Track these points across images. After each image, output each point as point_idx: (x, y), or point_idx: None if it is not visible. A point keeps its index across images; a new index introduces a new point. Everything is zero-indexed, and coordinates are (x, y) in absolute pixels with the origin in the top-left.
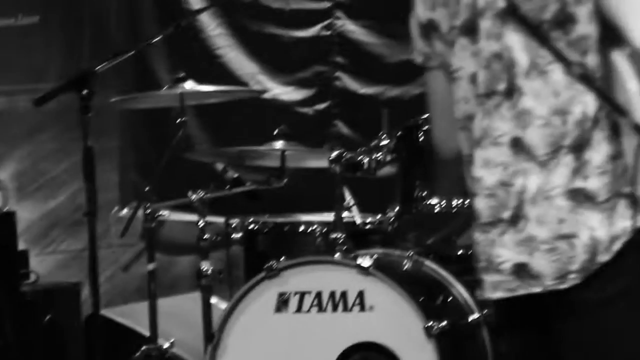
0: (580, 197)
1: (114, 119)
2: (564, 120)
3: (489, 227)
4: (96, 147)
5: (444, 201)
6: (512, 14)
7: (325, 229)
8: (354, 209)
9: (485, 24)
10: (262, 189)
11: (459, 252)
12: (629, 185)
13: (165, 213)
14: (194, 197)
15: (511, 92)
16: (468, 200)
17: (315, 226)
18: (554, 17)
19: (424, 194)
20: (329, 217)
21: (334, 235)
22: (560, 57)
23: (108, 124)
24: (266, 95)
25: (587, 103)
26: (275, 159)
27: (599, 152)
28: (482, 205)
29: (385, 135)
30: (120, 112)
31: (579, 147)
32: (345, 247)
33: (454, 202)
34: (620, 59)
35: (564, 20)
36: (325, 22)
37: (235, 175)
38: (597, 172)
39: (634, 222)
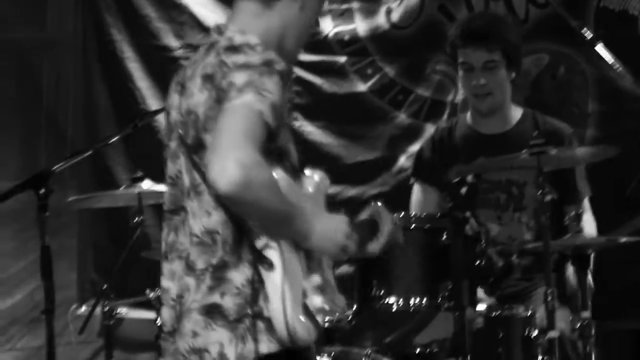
0: (214, 314)
1: (72, 218)
2: (213, 240)
3: (169, 336)
4: (54, 245)
5: (402, 300)
6: (180, 136)
7: None
8: None
9: (172, 145)
10: None
11: (417, 351)
12: (260, 309)
13: (123, 311)
14: (152, 294)
15: (184, 210)
16: (425, 299)
17: None
18: (193, 142)
19: (381, 293)
20: None
21: None
22: (205, 180)
23: (66, 223)
24: None
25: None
26: None
27: (240, 273)
28: (166, 315)
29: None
30: (78, 211)
31: (223, 266)
32: None
33: (412, 301)
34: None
35: (199, 146)
36: None
37: None
38: (234, 292)
39: (257, 347)
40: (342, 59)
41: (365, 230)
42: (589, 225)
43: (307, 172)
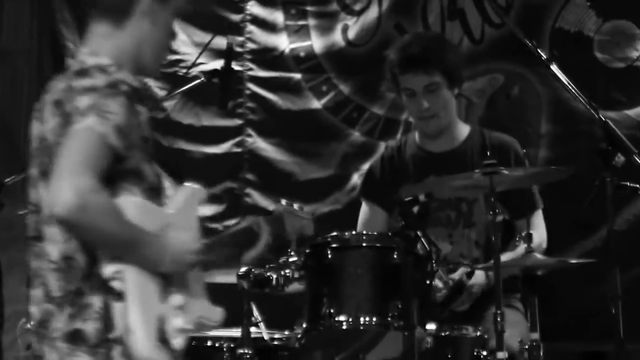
0: (77, 340)
1: (23, 231)
2: (69, 266)
3: None
4: (4, 259)
5: (352, 319)
6: (38, 164)
7: (232, 345)
8: (262, 325)
9: (32, 172)
10: None
11: None
12: (117, 335)
13: None
14: None
15: (40, 238)
16: (375, 318)
17: (222, 341)
18: (46, 168)
19: (331, 311)
20: (237, 332)
21: (241, 351)
22: None
23: (16, 236)
24: None
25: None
26: None
27: (97, 298)
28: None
29: (293, 252)
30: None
31: (80, 292)
32: None
33: (362, 320)
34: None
35: (51, 172)
36: (236, 139)
37: None
38: (94, 317)
39: None
40: (297, 75)
41: (238, 239)
42: (539, 237)
43: (185, 185)
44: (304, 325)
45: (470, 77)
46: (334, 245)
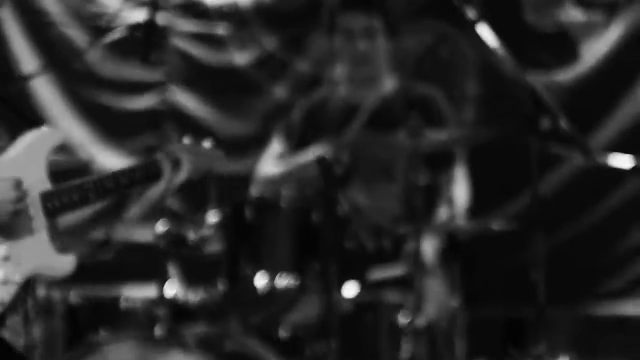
0: None
1: None
2: None
3: None
4: None
5: (269, 280)
6: None
7: (148, 305)
8: (179, 284)
9: None
10: (88, 262)
11: (284, 333)
12: None
13: None
14: None
15: None
16: (295, 280)
17: (138, 301)
18: None
19: (250, 273)
20: (153, 292)
21: (157, 311)
22: None
23: None
24: (96, 165)
25: None
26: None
27: None
28: None
29: (213, 212)
30: None
31: None
32: (168, 323)
33: (279, 281)
34: None
35: None
36: (158, 93)
37: None
38: None
39: None
40: (221, 30)
41: (135, 176)
42: (462, 193)
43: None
44: (222, 287)
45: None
46: (252, 205)
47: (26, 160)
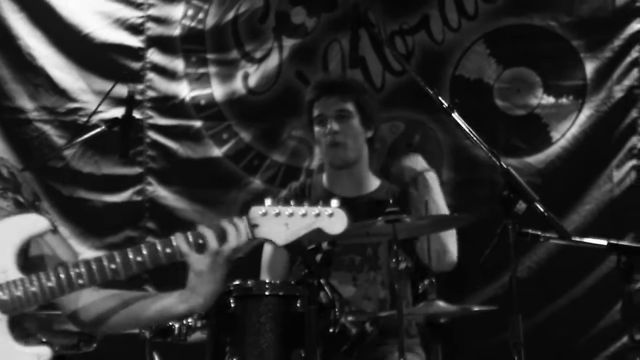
0: None
1: None
2: None
3: None
4: None
5: None
6: None
7: None
8: None
9: None
10: (71, 353)
11: None
12: None
13: None
14: None
15: None
16: None
17: None
18: None
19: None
20: None
21: None
22: None
23: None
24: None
25: None
26: None
27: None
28: None
29: None
30: None
31: None
32: None
33: None
34: None
35: None
36: (137, 188)
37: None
38: None
39: None
40: (198, 123)
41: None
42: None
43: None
44: None
45: None
46: (236, 294)
47: None
